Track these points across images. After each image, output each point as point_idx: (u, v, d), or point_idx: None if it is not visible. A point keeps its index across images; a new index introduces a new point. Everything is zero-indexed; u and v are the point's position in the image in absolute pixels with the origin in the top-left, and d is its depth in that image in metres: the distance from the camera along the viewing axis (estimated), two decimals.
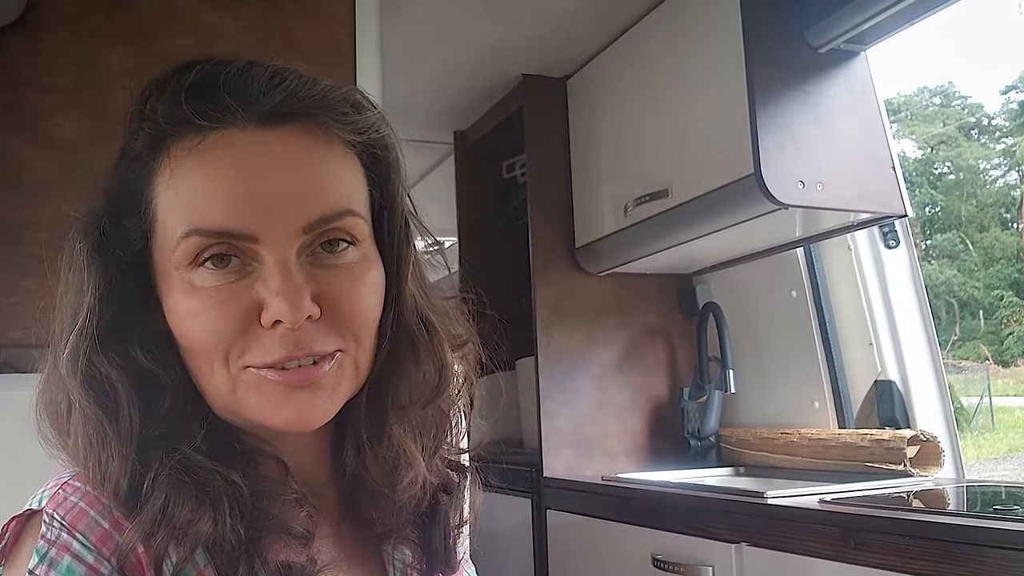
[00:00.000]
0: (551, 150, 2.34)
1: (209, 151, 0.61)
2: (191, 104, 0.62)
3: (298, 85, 0.63)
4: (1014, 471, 9.18)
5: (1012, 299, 17.58)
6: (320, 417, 0.64)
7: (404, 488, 0.71)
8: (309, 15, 1.63)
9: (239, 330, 0.61)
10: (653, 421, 2.31)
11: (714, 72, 1.78)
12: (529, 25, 2.08)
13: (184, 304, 0.62)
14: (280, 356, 0.61)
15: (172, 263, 0.62)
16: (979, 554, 1.10)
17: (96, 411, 0.62)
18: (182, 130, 0.62)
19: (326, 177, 0.64)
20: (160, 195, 0.63)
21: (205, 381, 0.64)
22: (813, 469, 1.90)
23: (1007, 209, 20.59)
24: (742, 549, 1.47)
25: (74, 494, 0.60)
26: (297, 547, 0.64)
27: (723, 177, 1.73)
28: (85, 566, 0.57)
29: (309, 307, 0.61)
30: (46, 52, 1.47)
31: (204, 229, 0.60)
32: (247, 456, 0.65)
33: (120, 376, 0.63)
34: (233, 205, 0.60)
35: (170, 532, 0.58)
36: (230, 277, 0.61)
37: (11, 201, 1.42)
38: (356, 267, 0.65)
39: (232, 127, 0.61)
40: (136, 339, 0.64)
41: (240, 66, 0.63)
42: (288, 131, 0.62)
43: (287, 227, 0.61)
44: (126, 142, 0.66)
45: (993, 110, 21.96)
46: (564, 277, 2.29)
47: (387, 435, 0.71)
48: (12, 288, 1.39)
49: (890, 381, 1.92)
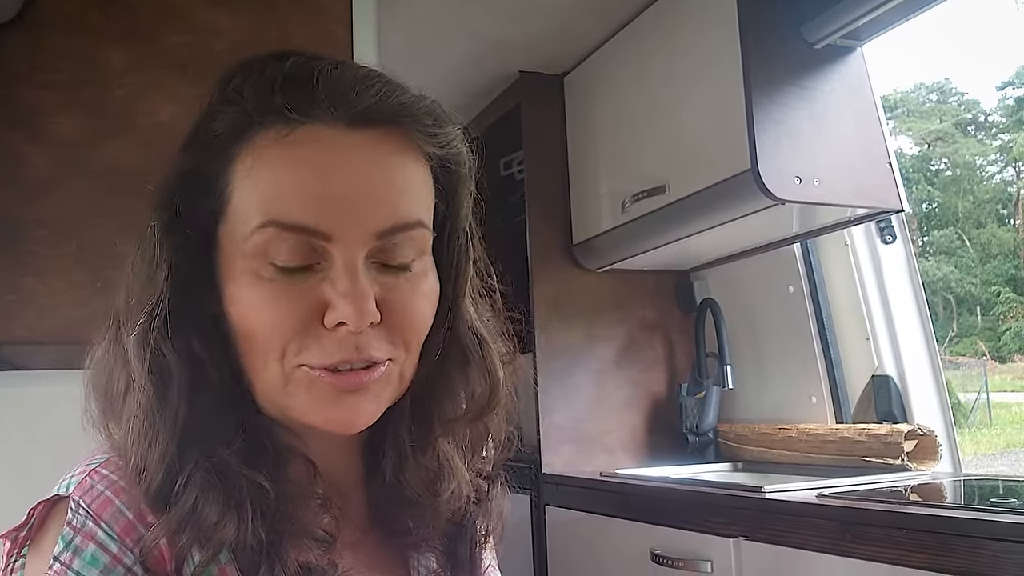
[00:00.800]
0: (548, 147, 2.35)
1: (295, 145, 0.61)
2: (285, 95, 0.61)
3: (388, 91, 0.63)
4: (1011, 466, 9.21)
5: (1009, 295, 17.62)
6: (364, 421, 0.64)
7: (445, 500, 0.71)
8: (306, 11, 1.63)
9: (300, 327, 0.61)
10: (651, 417, 2.31)
11: (711, 68, 1.78)
12: (526, 21, 2.08)
13: (249, 294, 0.62)
14: (339, 359, 0.61)
15: (241, 251, 0.62)
16: (976, 546, 1.11)
17: (153, 396, 0.61)
18: (271, 120, 0.61)
19: (404, 185, 0.63)
20: (239, 181, 0.62)
21: (256, 373, 0.64)
22: (811, 464, 1.91)
23: (1004, 205, 20.65)
24: (740, 543, 1.48)
25: (101, 482, 0.61)
26: (319, 550, 0.64)
27: (720, 173, 1.73)
28: (109, 555, 0.58)
29: (373, 312, 0.61)
30: (44, 50, 1.47)
31: (281, 222, 0.60)
32: (277, 455, 0.65)
33: (178, 363, 0.62)
34: (312, 202, 0.60)
35: (195, 534, 0.59)
36: (298, 273, 0.61)
37: (10, 198, 1.42)
38: (416, 277, 0.65)
39: (320, 124, 0.61)
40: (196, 326, 0.63)
41: (334, 64, 0.63)
42: (373, 135, 0.62)
43: (362, 230, 0.61)
44: (205, 121, 0.65)
45: (990, 106, 22.03)
46: (562, 274, 2.29)
47: (432, 446, 0.71)
48: (12, 286, 1.40)
49: (887, 376, 1.93)
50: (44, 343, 1.31)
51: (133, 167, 1.40)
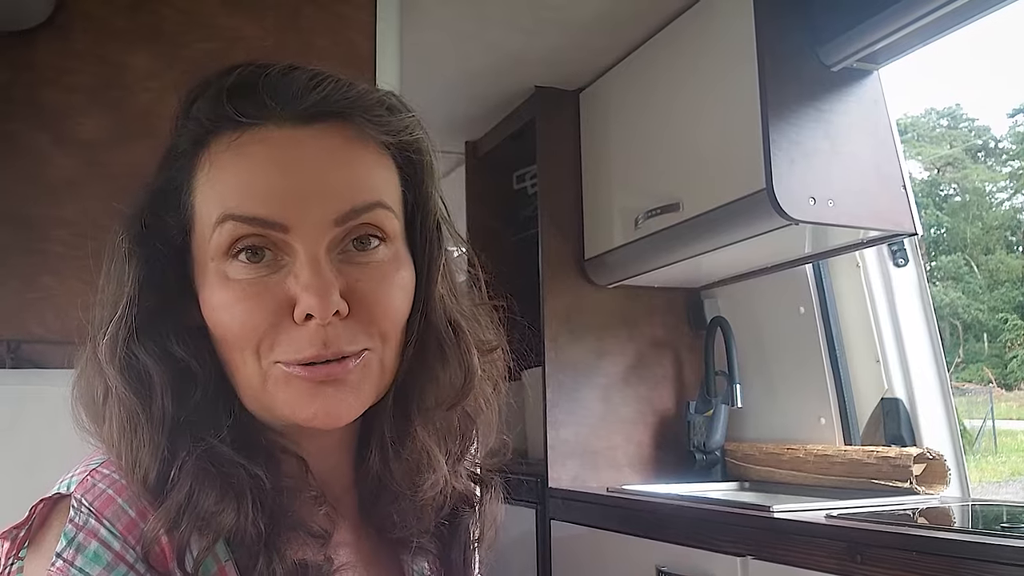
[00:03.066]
0: (562, 162, 2.36)
1: (246, 145, 0.63)
2: (231, 102, 0.64)
3: (335, 87, 0.65)
4: (1016, 495, 9.15)
5: (1016, 322, 17.55)
6: (345, 413, 0.65)
7: (425, 491, 0.71)
8: (331, 20, 1.64)
9: (271, 322, 0.62)
10: (659, 434, 2.31)
11: (727, 87, 1.79)
12: (544, 36, 2.10)
13: (219, 295, 0.64)
14: (309, 354, 0.62)
15: (208, 254, 0.64)
16: (985, 570, 1.10)
17: (131, 398, 0.63)
18: (222, 127, 0.64)
19: (357, 172, 0.65)
20: (199, 188, 0.65)
21: (238, 374, 0.65)
22: (818, 485, 1.90)
23: (1012, 232, 20.60)
24: (747, 562, 1.48)
25: (102, 481, 0.61)
26: (315, 546, 0.64)
27: (734, 192, 1.74)
28: (112, 552, 0.58)
29: (338, 302, 0.61)
30: (71, 53, 1.49)
31: (237, 215, 0.62)
32: (270, 452, 0.66)
33: (156, 365, 0.64)
34: (266, 195, 0.62)
35: (193, 522, 0.59)
36: (263, 271, 0.63)
37: (33, 198, 1.44)
38: (386, 265, 0.66)
39: (269, 124, 0.63)
40: (172, 330, 0.65)
41: (280, 68, 0.65)
42: (323, 129, 0.64)
43: (318, 218, 0.62)
44: (172, 142, 0.69)
45: (1000, 133, 22.02)
46: (573, 288, 2.29)
47: (411, 436, 0.71)
48: (33, 284, 1.41)
49: (897, 399, 1.93)
50: (62, 342, 1.32)
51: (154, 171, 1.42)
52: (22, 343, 1.36)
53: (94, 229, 1.44)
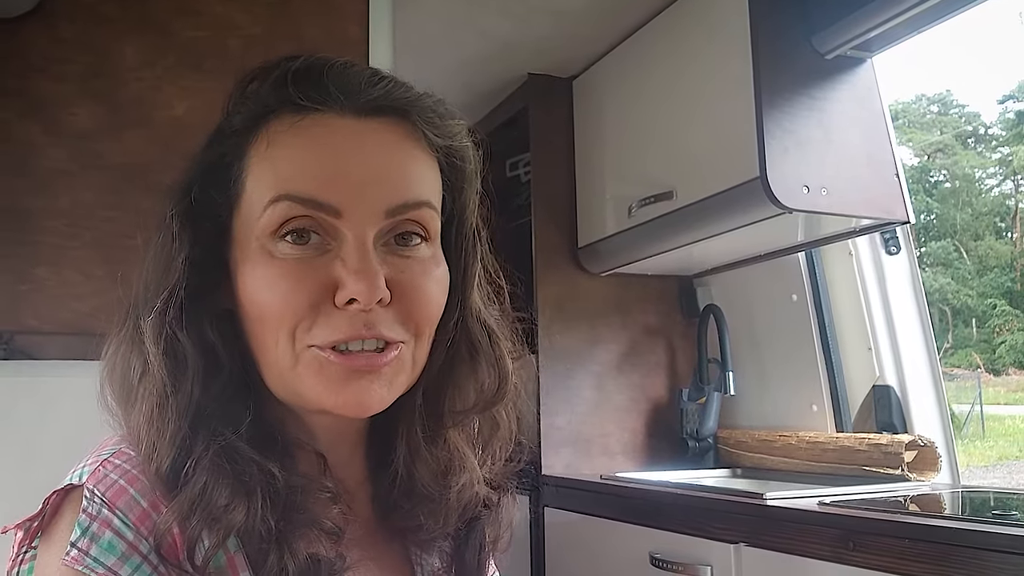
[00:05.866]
0: (555, 149, 2.35)
1: (308, 128, 0.64)
2: (296, 86, 0.64)
3: (395, 86, 0.67)
4: (1004, 479, 9.23)
5: (1005, 308, 17.66)
6: (376, 404, 0.65)
7: (456, 492, 0.72)
8: (323, 9, 1.63)
9: (312, 302, 0.62)
10: (652, 421, 2.32)
11: (721, 75, 1.79)
12: (537, 23, 2.09)
13: (262, 271, 0.63)
14: (348, 334, 0.62)
15: (254, 232, 0.64)
16: (977, 557, 1.11)
17: (166, 380, 0.63)
18: (284, 108, 0.65)
19: (412, 169, 0.66)
20: (252, 166, 0.65)
21: (267, 355, 0.65)
22: (810, 472, 1.92)
23: (1002, 218, 20.69)
24: (741, 549, 1.49)
25: (114, 471, 0.61)
26: (327, 542, 0.64)
27: (728, 180, 1.74)
28: (125, 543, 0.58)
29: (382, 289, 0.62)
30: (61, 41, 1.47)
31: (294, 195, 0.62)
32: (286, 447, 0.66)
33: (192, 348, 0.64)
34: (324, 178, 0.63)
35: (205, 517, 0.59)
36: (309, 252, 0.63)
37: (24, 189, 1.43)
38: (427, 262, 0.67)
39: (331, 112, 0.64)
40: (208, 313, 0.66)
41: (344, 62, 0.67)
42: (381, 123, 0.65)
43: (371, 207, 0.63)
44: (223, 121, 0.68)
45: (990, 119, 22.07)
46: (566, 276, 2.30)
47: (442, 437, 0.72)
48: (25, 276, 1.40)
49: (888, 386, 1.94)
50: (56, 333, 1.32)
51: (148, 160, 1.41)
52: (15, 334, 1.35)
53: (88, 220, 1.44)
